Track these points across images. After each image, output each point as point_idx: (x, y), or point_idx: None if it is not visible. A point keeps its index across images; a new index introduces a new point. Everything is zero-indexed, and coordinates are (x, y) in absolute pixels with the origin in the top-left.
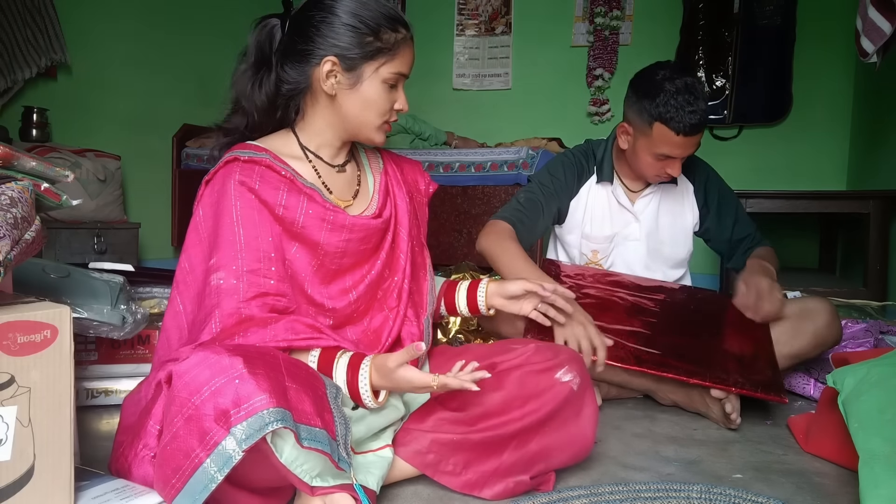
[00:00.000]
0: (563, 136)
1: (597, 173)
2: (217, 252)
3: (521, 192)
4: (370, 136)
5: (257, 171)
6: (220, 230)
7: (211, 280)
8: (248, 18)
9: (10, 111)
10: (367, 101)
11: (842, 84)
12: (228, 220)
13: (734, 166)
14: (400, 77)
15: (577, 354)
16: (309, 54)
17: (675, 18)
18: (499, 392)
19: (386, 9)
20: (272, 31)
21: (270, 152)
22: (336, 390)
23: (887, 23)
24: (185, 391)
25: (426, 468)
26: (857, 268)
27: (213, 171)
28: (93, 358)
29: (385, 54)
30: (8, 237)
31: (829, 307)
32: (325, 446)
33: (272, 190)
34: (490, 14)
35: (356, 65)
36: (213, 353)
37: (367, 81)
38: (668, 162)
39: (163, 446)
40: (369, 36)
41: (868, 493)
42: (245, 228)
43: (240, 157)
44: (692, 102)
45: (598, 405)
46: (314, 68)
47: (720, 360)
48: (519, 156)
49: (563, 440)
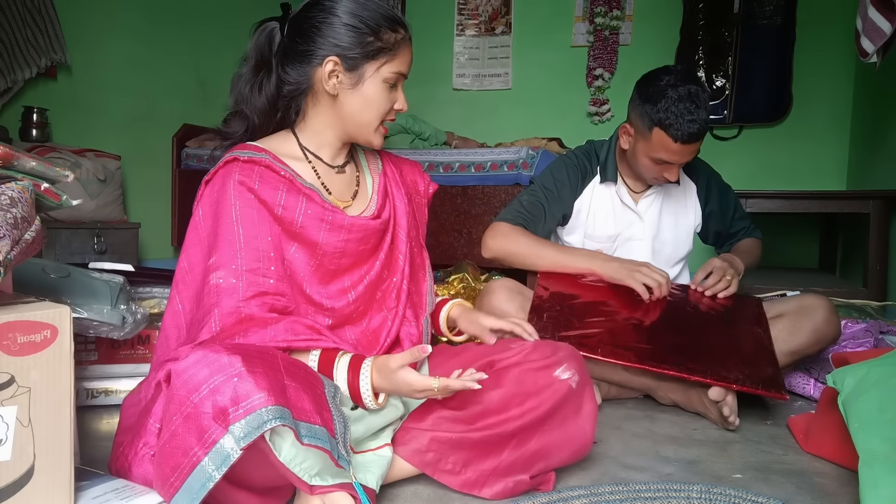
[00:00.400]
0: (563, 136)
1: (600, 174)
2: (216, 251)
3: (524, 194)
4: (369, 139)
5: (256, 170)
6: (219, 230)
7: (210, 279)
8: (248, 18)
9: (10, 111)
10: (368, 101)
11: (842, 84)
12: (228, 219)
13: (734, 166)
14: (400, 77)
15: (575, 352)
16: (310, 55)
17: (675, 18)
18: (498, 390)
19: (385, 9)
20: (271, 33)
21: (270, 152)
22: (334, 390)
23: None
24: (183, 389)
25: (425, 467)
26: (857, 268)
27: (212, 172)
28: (93, 358)
29: (386, 54)
30: (8, 237)
31: (827, 303)
32: (325, 443)
33: (271, 190)
34: (490, 14)
35: (358, 64)
36: (211, 351)
37: (368, 81)
38: (665, 167)
39: (162, 445)
40: (370, 36)
41: (868, 493)
42: (244, 228)
43: (239, 157)
44: (693, 111)
45: (597, 403)
46: (315, 69)
47: (721, 358)
48: (519, 156)
49: (562, 438)
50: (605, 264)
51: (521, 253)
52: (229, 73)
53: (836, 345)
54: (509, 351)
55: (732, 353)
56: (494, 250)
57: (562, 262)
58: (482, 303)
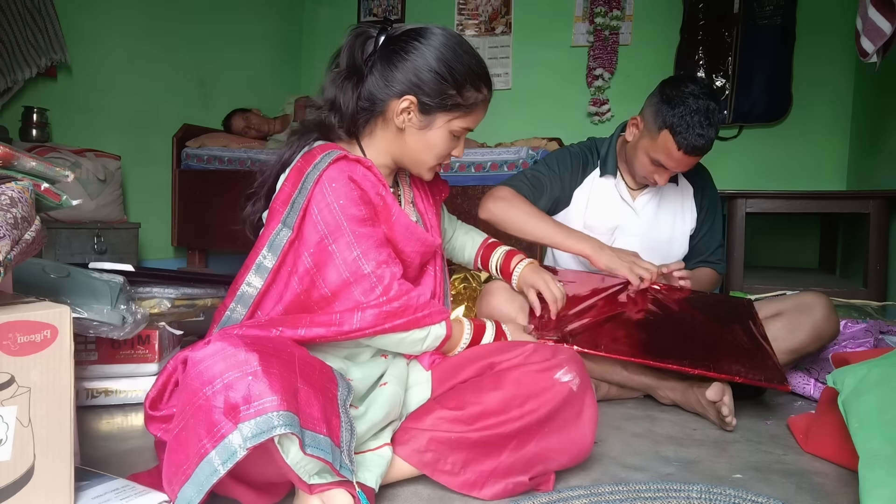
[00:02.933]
0: (563, 136)
1: (600, 167)
2: (359, 244)
3: (527, 170)
4: (421, 173)
5: (360, 170)
6: (345, 223)
7: (362, 268)
8: (248, 18)
9: (10, 111)
10: (430, 145)
11: (842, 84)
12: (355, 211)
13: (734, 166)
14: (467, 131)
15: (576, 354)
16: (391, 83)
17: (675, 18)
18: (498, 391)
19: (477, 67)
20: (366, 41)
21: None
22: (347, 392)
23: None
24: (197, 381)
25: (424, 467)
26: (857, 268)
27: (320, 167)
28: (93, 358)
29: (461, 110)
30: (8, 237)
31: (826, 301)
32: (326, 454)
33: (372, 188)
34: (490, 14)
35: (431, 111)
36: (230, 345)
37: (436, 129)
38: (659, 170)
39: (175, 435)
40: (452, 89)
41: (868, 494)
42: (367, 221)
43: (348, 155)
44: (704, 126)
45: (597, 407)
46: (392, 99)
47: (722, 352)
48: (519, 156)
49: (562, 442)
50: (598, 251)
51: (518, 220)
52: (229, 73)
53: (836, 344)
54: (510, 353)
55: (732, 347)
56: (493, 212)
57: (555, 239)
58: (482, 303)
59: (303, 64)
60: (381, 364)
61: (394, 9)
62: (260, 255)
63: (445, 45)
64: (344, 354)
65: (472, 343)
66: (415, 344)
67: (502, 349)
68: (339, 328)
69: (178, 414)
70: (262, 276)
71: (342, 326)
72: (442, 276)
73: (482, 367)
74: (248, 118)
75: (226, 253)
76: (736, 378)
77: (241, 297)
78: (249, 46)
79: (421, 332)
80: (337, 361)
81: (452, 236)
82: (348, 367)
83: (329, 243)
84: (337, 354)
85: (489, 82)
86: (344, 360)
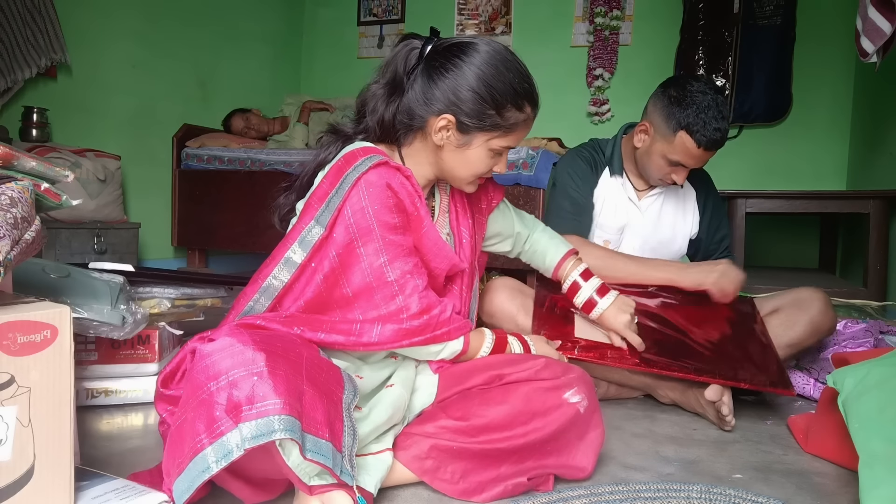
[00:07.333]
0: (563, 136)
1: (608, 167)
2: (387, 250)
3: (558, 197)
4: (461, 186)
5: (399, 178)
6: (376, 228)
7: (386, 275)
8: (248, 19)
9: (10, 111)
10: (468, 163)
11: (842, 84)
12: (388, 217)
13: (734, 166)
14: (508, 149)
15: (586, 375)
16: (430, 99)
17: (675, 18)
18: (504, 406)
19: (520, 86)
20: (410, 53)
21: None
22: (353, 395)
23: (887, 23)
24: (202, 375)
25: (424, 474)
26: (857, 268)
27: (360, 169)
28: (93, 358)
29: (500, 130)
30: (8, 237)
31: (822, 295)
32: (327, 460)
33: (408, 197)
34: (490, 14)
35: (469, 131)
36: (239, 341)
37: (475, 148)
38: (677, 169)
39: (176, 426)
40: (491, 109)
41: (868, 494)
42: (398, 229)
43: (389, 161)
44: (719, 120)
45: (603, 429)
46: (431, 116)
47: (728, 358)
48: (518, 156)
49: (560, 462)
50: (682, 273)
51: (593, 266)
52: (229, 73)
53: (836, 345)
54: (520, 366)
55: (739, 353)
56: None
57: (637, 275)
58: (484, 301)
59: (303, 64)
60: (390, 365)
61: (394, 9)
62: (290, 250)
63: (488, 62)
64: (357, 354)
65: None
66: (430, 355)
67: (512, 361)
68: (358, 339)
69: (182, 405)
70: (290, 271)
71: (361, 338)
72: (469, 294)
73: (490, 378)
74: (248, 118)
75: (226, 253)
76: (743, 385)
77: (266, 289)
78: (249, 46)
79: (437, 347)
80: (349, 357)
81: (528, 238)
82: (359, 366)
83: (358, 245)
84: (350, 353)
85: (534, 100)
86: (356, 358)
